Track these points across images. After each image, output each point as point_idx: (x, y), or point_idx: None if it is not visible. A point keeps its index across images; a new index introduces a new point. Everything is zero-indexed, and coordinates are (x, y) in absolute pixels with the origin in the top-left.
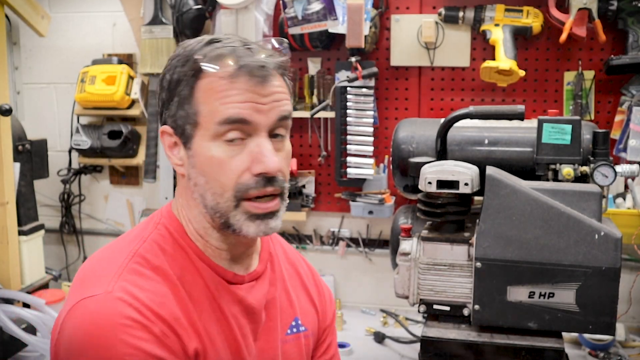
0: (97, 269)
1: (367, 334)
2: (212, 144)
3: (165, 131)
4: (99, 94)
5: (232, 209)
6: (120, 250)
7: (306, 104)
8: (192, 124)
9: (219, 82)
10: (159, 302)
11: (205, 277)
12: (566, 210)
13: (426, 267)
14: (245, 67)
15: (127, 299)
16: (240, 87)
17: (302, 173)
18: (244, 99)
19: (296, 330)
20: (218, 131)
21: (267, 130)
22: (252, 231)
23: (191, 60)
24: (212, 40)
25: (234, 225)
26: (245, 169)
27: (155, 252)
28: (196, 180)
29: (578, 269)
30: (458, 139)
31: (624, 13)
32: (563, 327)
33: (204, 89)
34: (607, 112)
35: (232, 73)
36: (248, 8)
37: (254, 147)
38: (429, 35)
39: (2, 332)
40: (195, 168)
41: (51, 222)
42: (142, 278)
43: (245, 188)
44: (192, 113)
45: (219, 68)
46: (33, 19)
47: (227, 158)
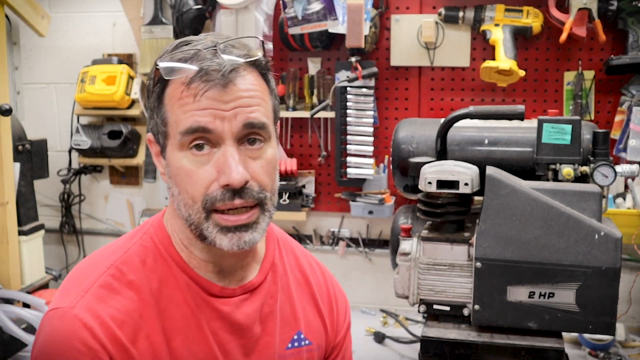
0: (75, 279)
1: (367, 334)
2: (181, 154)
3: (150, 140)
4: (99, 94)
5: (203, 221)
6: (102, 261)
7: (306, 104)
8: (163, 134)
9: (179, 88)
10: (121, 321)
11: (186, 292)
12: (566, 210)
13: (426, 267)
14: (202, 71)
15: (85, 317)
16: (197, 94)
17: (302, 173)
18: (203, 106)
19: (298, 344)
20: (182, 141)
21: (234, 138)
22: (225, 244)
23: (155, 66)
24: (181, 43)
25: (208, 237)
26: (213, 180)
27: (135, 265)
28: (172, 190)
29: (578, 269)
30: (458, 139)
31: (624, 13)
32: (563, 327)
33: (169, 96)
34: (607, 112)
35: (189, 78)
36: (248, 8)
37: (219, 156)
38: (429, 35)
39: (2, 332)
40: (171, 178)
41: (51, 222)
42: (111, 293)
43: (212, 200)
44: (161, 122)
45: (176, 74)
46: (33, 19)
47: (195, 168)
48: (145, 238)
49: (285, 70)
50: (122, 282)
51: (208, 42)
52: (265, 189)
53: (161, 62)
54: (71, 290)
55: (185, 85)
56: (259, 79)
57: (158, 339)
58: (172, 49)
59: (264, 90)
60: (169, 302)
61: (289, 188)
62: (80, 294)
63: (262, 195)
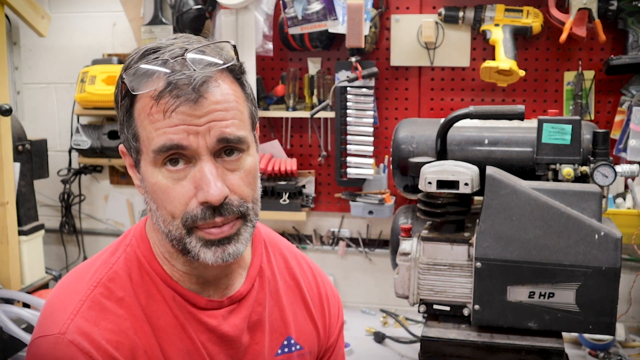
0: (59, 300)
1: (367, 334)
2: (155, 169)
3: (122, 151)
4: (99, 94)
5: (185, 236)
6: (86, 278)
7: (306, 104)
8: (135, 149)
9: (149, 103)
10: (116, 342)
11: (173, 306)
12: (566, 210)
13: (426, 267)
14: (171, 85)
15: (80, 342)
16: (168, 110)
17: (302, 173)
18: (175, 122)
19: (288, 350)
20: (156, 159)
21: (209, 152)
22: (209, 258)
23: (128, 77)
24: (148, 51)
25: (192, 251)
26: (191, 196)
27: (121, 281)
28: (150, 205)
29: (578, 269)
30: (458, 139)
31: (624, 13)
32: (563, 327)
33: (139, 110)
34: (607, 112)
35: (159, 93)
36: (248, 8)
37: (196, 172)
38: (429, 35)
39: (2, 332)
40: (147, 193)
41: (51, 222)
42: (102, 313)
43: (192, 218)
44: (132, 138)
45: (144, 90)
46: (33, 19)
47: (171, 185)
48: (129, 251)
49: (285, 70)
50: (112, 300)
51: (176, 49)
52: (245, 201)
53: (127, 75)
54: (58, 313)
55: (155, 100)
56: (234, 85)
57: (155, 354)
58: (139, 59)
59: (239, 97)
60: (158, 316)
61: (289, 188)
62: (70, 317)
63: (243, 209)
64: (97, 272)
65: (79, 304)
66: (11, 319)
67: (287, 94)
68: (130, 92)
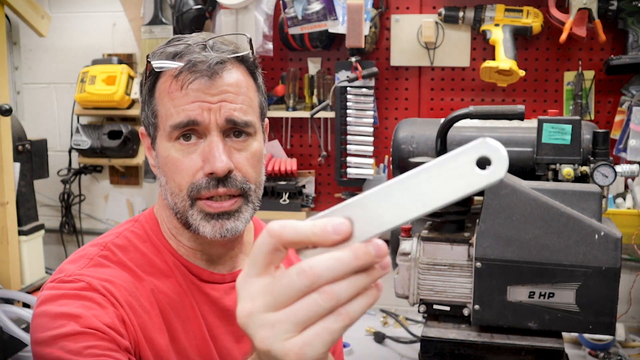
0: (69, 261)
1: (367, 334)
2: (169, 144)
3: (142, 132)
4: (99, 94)
5: (188, 208)
6: (96, 242)
7: (306, 104)
8: (153, 126)
9: (169, 81)
10: (118, 285)
11: (176, 273)
12: (566, 210)
13: (426, 267)
14: (189, 63)
15: (89, 278)
16: (184, 86)
17: (302, 173)
18: (191, 99)
19: None
20: (171, 133)
21: (219, 129)
22: (208, 231)
23: (155, 60)
24: (174, 39)
25: (192, 224)
26: (198, 169)
27: (125, 247)
28: (161, 180)
29: (578, 269)
30: (458, 139)
31: (624, 13)
32: (563, 327)
33: (160, 90)
34: (607, 112)
35: (179, 72)
36: (248, 8)
37: (205, 146)
38: (429, 35)
39: (2, 332)
40: (160, 168)
41: (51, 222)
42: (104, 268)
43: (197, 187)
44: (152, 115)
45: (167, 67)
46: (33, 19)
47: (182, 158)
48: (137, 225)
49: (285, 70)
50: (113, 261)
51: (199, 38)
52: (249, 180)
53: (153, 57)
54: (65, 269)
55: (174, 77)
56: (246, 75)
57: (153, 313)
58: (165, 44)
59: (250, 86)
60: (161, 281)
61: (289, 188)
62: (78, 268)
63: (245, 186)
64: (103, 238)
65: (85, 262)
66: (11, 319)
67: (287, 94)
68: (153, 72)
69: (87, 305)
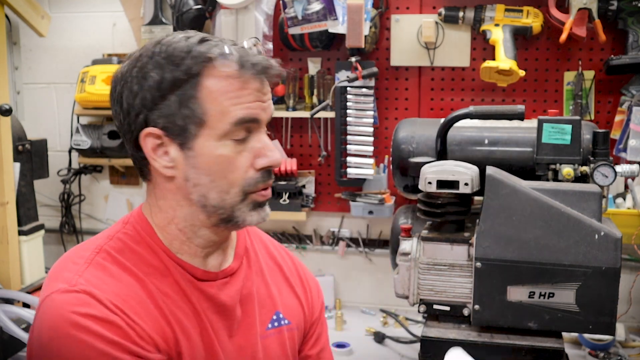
0: (64, 265)
1: (367, 334)
2: (219, 142)
3: (152, 133)
4: (99, 94)
5: (238, 203)
6: (87, 247)
7: (306, 104)
8: (197, 124)
9: (227, 81)
10: (125, 296)
11: (174, 273)
12: (566, 210)
13: (426, 267)
14: (254, 66)
15: (92, 291)
16: (249, 87)
17: (302, 173)
18: (253, 98)
19: (277, 324)
20: (228, 130)
21: (265, 126)
22: (254, 220)
23: (194, 58)
24: (204, 39)
25: (238, 217)
26: (249, 165)
27: (121, 249)
28: (197, 180)
29: (578, 269)
30: (458, 139)
31: (624, 13)
32: (563, 327)
33: (211, 88)
34: (607, 112)
35: (242, 73)
36: (248, 8)
37: (255, 142)
38: (429, 35)
39: (2, 332)
40: (197, 168)
41: (51, 222)
42: (106, 273)
43: (253, 183)
44: (199, 112)
45: (229, 68)
46: (33, 19)
47: (234, 155)
48: (128, 227)
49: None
50: (115, 264)
51: (228, 40)
52: None
53: (195, 57)
54: (63, 274)
55: (236, 78)
56: None
57: (165, 311)
58: (200, 43)
59: None
60: (161, 282)
61: (289, 188)
62: (77, 275)
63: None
64: (97, 241)
65: (84, 266)
66: (11, 319)
67: (287, 94)
68: (201, 71)
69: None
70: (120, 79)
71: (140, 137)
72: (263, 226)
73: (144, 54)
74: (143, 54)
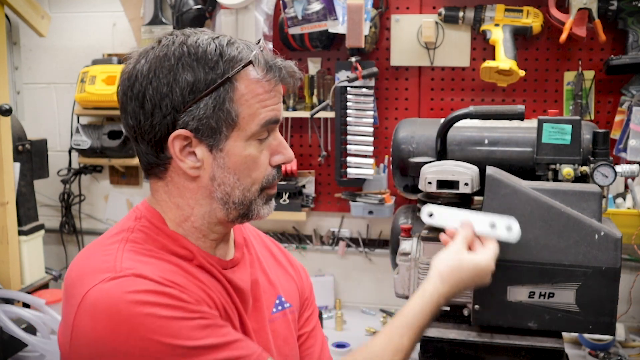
0: (93, 262)
1: (367, 334)
2: (247, 143)
3: (181, 135)
4: (99, 94)
5: (256, 198)
6: (108, 242)
7: (306, 104)
8: (230, 126)
9: (257, 84)
10: (168, 272)
11: (199, 259)
12: (566, 210)
13: (426, 267)
14: (280, 70)
15: (139, 272)
16: (275, 90)
17: (302, 173)
18: (277, 100)
19: (281, 307)
20: (256, 132)
21: None
22: (266, 212)
23: (227, 62)
24: (231, 41)
25: (253, 211)
26: (268, 162)
27: (145, 239)
28: (223, 179)
29: (578, 269)
30: (458, 139)
31: (624, 13)
32: (563, 327)
33: (243, 91)
34: (607, 112)
35: (269, 77)
36: (248, 8)
37: (272, 141)
38: (429, 35)
39: (2, 332)
40: (225, 168)
41: (51, 222)
42: (142, 258)
43: (271, 179)
44: (234, 115)
45: (259, 72)
46: (33, 19)
47: (258, 154)
48: (143, 221)
49: None
50: (145, 251)
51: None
52: None
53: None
54: (100, 268)
55: (266, 82)
56: None
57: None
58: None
59: None
60: (189, 264)
61: (289, 188)
62: (117, 263)
63: None
64: (117, 236)
65: (119, 255)
66: (11, 319)
67: (287, 94)
68: (236, 74)
69: None
70: (140, 78)
71: (168, 138)
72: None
73: (170, 55)
74: (168, 54)
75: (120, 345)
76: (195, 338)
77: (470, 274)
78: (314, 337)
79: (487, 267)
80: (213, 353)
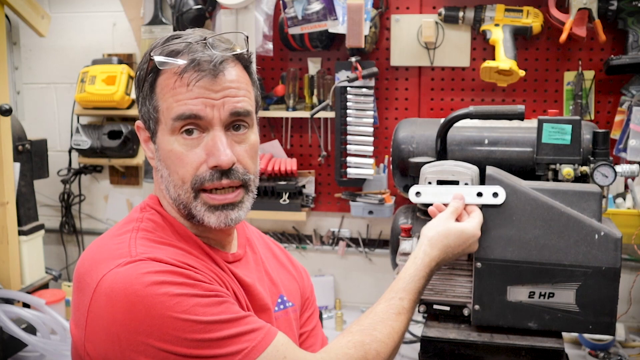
0: (107, 250)
1: None
2: (171, 138)
3: (139, 126)
4: (99, 94)
5: (192, 200)
6: (119, 233)
7: (306, 104)
8: (154, 120)
9: (172, 78)
10: (181, 256)
11: (205, 248)
12: (566, 210)
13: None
14: (194, 62)
15: (154, 256)
16: (190, 83)
17: (302, 173)
18: (195, 94)
19: (283, 306)
20: (174, 126)
21: (222, 124)
22: (213, 222)
23: (148, 57)
24: (173, 36)
25: (197, 215)
26: (202, 162)
27: (154, 228)
28: (162, 172)
29: (578, 269)
30: (458, 139)
31: (624, 13)
32: (563, 327)
33: (161, 85)
34: (607, 112)
35: (182, 69)
36: (248, 8)
37: (208, 140)
38: (429, 35)
39: (2, 332)
40: (160, 161)
41: (51, 222)
42: (155, 244)
43: (201, 180)
44: (153, 109)
45: (169, 64)
46: (33, 19)
47: (185, 151)
48: (148, 210)
49: (285, 70)
50: (156, 238)
51: (197, 36)
52: (249, 171)
53: (154, 54)
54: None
55: (178, 75)
56: (243, 71)
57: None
58: (164, 42)
59: (247, 81)
60: (199, 252)
61: (289, 188)
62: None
63: (246, 177)
64: (128, 225)
65: (132, 242)
66: (11, 319)
67: (287, 94)
68: (155, 69)
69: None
70: None
71: None
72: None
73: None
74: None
75: (139, 325)
76: (211, 314)
77: (457, 240)
78: (315, 336)
79: (473, 234)
80: (229, 327)
